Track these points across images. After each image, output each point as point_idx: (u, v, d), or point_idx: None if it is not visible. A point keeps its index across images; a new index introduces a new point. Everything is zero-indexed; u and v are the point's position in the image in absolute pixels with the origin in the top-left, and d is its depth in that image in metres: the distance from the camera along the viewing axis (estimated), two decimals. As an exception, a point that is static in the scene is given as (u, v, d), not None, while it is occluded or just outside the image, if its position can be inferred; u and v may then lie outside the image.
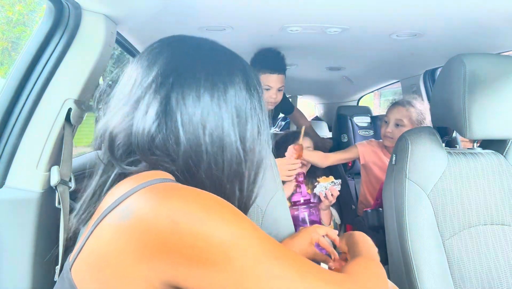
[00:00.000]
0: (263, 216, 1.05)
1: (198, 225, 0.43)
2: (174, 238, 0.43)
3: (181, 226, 0.43)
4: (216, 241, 0.43)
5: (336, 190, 1.51)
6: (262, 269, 0.43)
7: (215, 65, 0.58)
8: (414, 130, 1.23)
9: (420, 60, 1.89)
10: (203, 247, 0.43)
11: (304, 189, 1.50)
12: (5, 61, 1.78)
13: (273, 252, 0.45)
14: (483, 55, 1.13)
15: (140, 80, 0.56)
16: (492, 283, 1.09)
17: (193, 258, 0.43)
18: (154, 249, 0.43)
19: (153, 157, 0.53)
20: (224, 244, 0.43)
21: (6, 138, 0.95)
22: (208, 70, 0.56)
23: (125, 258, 0.44)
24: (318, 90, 3.48)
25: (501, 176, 1.18)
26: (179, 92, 0.54)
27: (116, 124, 0.55)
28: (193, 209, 0.44)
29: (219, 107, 0.55)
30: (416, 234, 1.11)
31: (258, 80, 0.63)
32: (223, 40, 0.67)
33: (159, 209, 0.44)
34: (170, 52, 0.59)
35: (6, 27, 1.71)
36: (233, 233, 0.44)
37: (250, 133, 0.58)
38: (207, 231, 0.43)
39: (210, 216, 0.44)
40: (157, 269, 0.44)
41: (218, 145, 0.54)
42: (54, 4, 0.95)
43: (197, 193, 0.48)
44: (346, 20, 1.27)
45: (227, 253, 0.43)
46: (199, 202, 0.46)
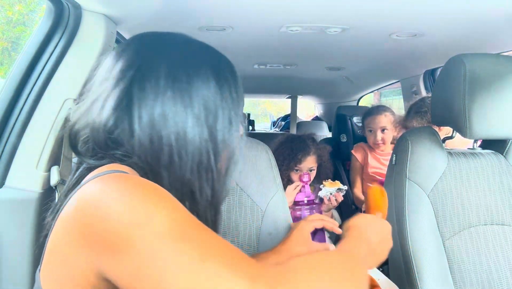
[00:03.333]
0: (263, 216, 1.05)
1: (108, 210, 0.42)
2: (96, 225, 0.42)
3: (98, 212, 0.43)
4: (123, 224, 0.41)
5: (341, 196, 1.52)
6: (162, 251, 0.40)
7: (179, 57, 0.57)
8: (414, 131, 1.23)
9: (420, 60, 1.89)
10: (113, 232, 0.41)
11: (308, 189, 1.50)
12: (5, 61, 1.78)
13: (182, 234, 0.42)
14: (483, 55, 1.13)
15: (104, 76, 0.56)
16: (492, 283, 1.09)
17: (106, 245, 0.42)
18: (85, 238, 0.43)
19: (110, 151, 0.53)
20: (129, 226, 0.41)
21: (6, 138, 0.95)
22: (170, 63, 0.55)
23: (68, 251, 0.45)
24: (318, 90, 3.48)
25: (501, 175, 1.18)
26: (138, 86, 0.53)
27: (78, 119, 0.56)
28: (110, 194, 0.44)
29: (182, 100, 0.54)
30: (416, 234, 1.11)
31: (232, 71, 0.61)
32: (223, 40, 0.67)
33: (90, 197, 0.45)
34: (135, 47, 0.58)
35: (6, 27, 1.71)
36: (141, 214, 0.42)
37: (220, 126, 0.56)
38: (115, 215, 0.42)
39: (122, 199, 0.43)
40: (88, 259, 0.43)
41: (182, 138, 0.53)
42: (54, 4, 0.95)
43: (127, 180, 0.46)
44: (346, 20, 1.27)
45: (131, 236, 0.41)
46: (119, 187, 0.45)
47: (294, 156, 1.55)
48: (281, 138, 1.67)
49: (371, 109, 2.11)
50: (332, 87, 3.04)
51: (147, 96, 0.53)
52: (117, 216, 0.42)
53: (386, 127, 2.03)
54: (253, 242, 1.04)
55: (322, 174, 1.66)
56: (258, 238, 1.04)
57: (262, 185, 1.07)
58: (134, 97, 0.53)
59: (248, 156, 1.09)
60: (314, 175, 1.63)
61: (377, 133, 2.03)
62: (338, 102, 3.40)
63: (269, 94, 4.43)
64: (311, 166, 1.60)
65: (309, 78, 2.73)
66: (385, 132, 2.04)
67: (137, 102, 0.53)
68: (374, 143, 2.07)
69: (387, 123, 2.02)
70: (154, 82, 0.53)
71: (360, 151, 2.17)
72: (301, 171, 1.58)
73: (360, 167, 2.16)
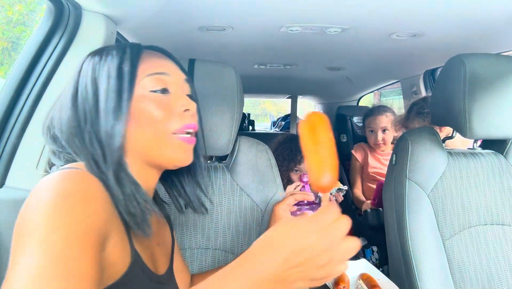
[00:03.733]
0: (263, 216, 1.05)
1: (24, 212, 0.50)
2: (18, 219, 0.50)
3: (21, 211, 0.51)
4: (27, 227, 0.48)
5: (341, 196, 1.52)
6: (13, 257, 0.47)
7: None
8: (414, 131, 1.23)
9: (420, 60, 1.89)
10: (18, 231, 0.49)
11: (308, 189, 1.50)
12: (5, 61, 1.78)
13: (36, 244, 0.46)
14: (483, 55, 1.13)
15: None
16: (492, 283, 1.09)
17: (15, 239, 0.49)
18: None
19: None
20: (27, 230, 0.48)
21: (6, 138, 0.95)
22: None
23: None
24: (318, 90, 3.48)
25: (501, 176, 1.18)
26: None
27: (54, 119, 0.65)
28: (34, 200, 0.50)
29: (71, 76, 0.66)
30: (416, 234, 1.11)
31: (121, 50, 0.65)
32: (223, 40, 0.68)
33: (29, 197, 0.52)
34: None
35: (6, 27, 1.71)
36: (40, 226, 0.47)
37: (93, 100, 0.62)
38: (26, 217, 0.49)
39: (38, 205, 0.49)
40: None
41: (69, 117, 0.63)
42: (54, 4, 0.95)
43: (57, 186, 0.51)
44: (346, 20, 1.27)
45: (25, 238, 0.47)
46: (44, 195, 0.50)
47: (294, 156, 1.55)
48: (281, 138, 1.67)
49: (372, 110, 2.11)
50: (332, 87, 3.04)
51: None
52: (27, 219, 0.48)
53: (387, 127, 2.03)
54: (253, 241, 1.04)
55: None
56: (258, 237, 1.04)
57: (262, 185, 1.07)
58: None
59: (248, 156, 1.09)
60: None
61: (378, 134, 2.03)
62: (338, 102, 3.40)
63: (269, 94, 4.43)
64: None
65: (309, 78, 2.73)
66: (386, 133, 2.04)
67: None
68: (375, 144, 2.07)
69: (388, 123, 2.03)
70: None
71: (360, 150, 2.17)
72: (300, 171, 1.58)
73: (360, 167, 2.16)
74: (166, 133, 0.63)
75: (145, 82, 0.63)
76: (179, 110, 0.65)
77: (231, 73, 1.02)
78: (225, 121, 1.00)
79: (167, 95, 0.65)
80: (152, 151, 0.64)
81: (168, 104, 0.64)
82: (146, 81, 0.63)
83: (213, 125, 0.99)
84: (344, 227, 0.47)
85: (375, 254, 1.70)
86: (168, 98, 0.65)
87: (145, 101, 0.63)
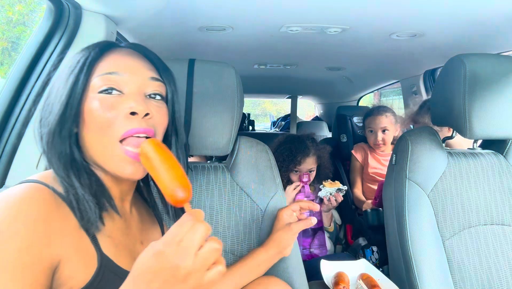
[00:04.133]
0: (263, 216, 1.05)
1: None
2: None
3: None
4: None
5: (340, 196, 1.52)
6: None
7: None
8: (414, 131, 1.23)
9: (420, 60, 1.89)
10: None
11: (308, 189, 1.50)
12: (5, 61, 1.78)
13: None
14: (483, 55, 1.13)
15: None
16: (492, 283, 1.09)
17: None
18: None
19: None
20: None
21: (6, 138, 0.95)
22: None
23: None
24: (318, 90, 3.48)
25: (501, 176, 1.18)
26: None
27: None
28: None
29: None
30: (416, 234, 1.11)
31: (91, 49, 0.64)
32: (223, 40, 0.68)
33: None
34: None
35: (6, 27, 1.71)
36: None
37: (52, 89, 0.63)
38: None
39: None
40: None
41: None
42: (54, 4, 0.95)
43: (10, 204, 0.51)
44: (346, 20, 1.27)
45: None
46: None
47: (294, 157, 1.55)
48: (280, 138, 1.66)
49: (372, 110, 2.11)
50: (332, 87, 3.04)
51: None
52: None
53: (387, 127, 2.03)
54: (253, 242, 1.04)
55: (321, 174, 1.65)
56: (258, 238, 1.04)
57: (262, 185, 1.07)
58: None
59: (248, 156, 1.09)
60: (314, 175, 1.63)
61: (378, 134, 2.03)
62: (338, 102, 3.40)
63: (269, 94, 4.43)
64: (311, 167, 1.60)
65: (309, 78, 2.73)
66: (385, 133, 2.04)
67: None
68: (375, 144, 2.07)
69: (387, 123, 2.03)
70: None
71: (360, 151, 2.17)
72: (300, 171, 1.57)
73: (360, 167, 2.16)
74: (111, 141, 0.60)
75: (95, 82, 0.61)
76: (125, 113, 0.60)
77: (231, 73, 1.02)
78: (225, 121, 1.00)
79: (116, 96, 0.61)
80: (99, 159, 0.62)
81: (115, 106, 0.60)
82: (96, 81, 0.61)
83: (213, 125, 0.99)
84: (198, 234, 0.48)
85: (375, 254, 1.70)
86: (116, 100, 0.61)
87: (92, 102, 0.60)
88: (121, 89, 0.62)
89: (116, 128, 0.60)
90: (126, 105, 0.60)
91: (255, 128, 4.50)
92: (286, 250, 0.92)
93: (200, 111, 0.98)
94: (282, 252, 0.92)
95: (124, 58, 0.65)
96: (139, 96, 0.62)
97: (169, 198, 0.54)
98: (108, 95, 0.61)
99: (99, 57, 0.63)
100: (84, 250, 0.57)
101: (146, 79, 0.65)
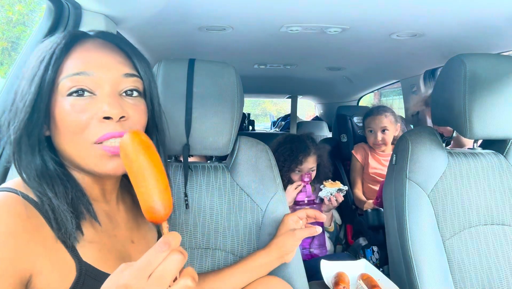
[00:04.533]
0: (263, 216, 1.05)
1: None
2: None
3: None
4: None
5: (341, 196, 1.52)
6: None
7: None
8: (414, 131, 1.23)
9: (420, 60, 1.89)
10: None
11: (309, 189, 1.50)
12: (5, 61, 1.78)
13: None
14: (483, 55, 1.13)
15: None
16: (492, 283, 1.09)
17: None
18: None
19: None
20: None
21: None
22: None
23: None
24: (318, 90, 3.48)
25: (501, 176, 1.18)
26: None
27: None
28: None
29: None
30: (416, 234, 1.11)
31: (58, 40, 0.59)
32: (223, 40, 0.67)
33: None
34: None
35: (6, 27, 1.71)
36: None
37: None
38: None
39: None
40: None
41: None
42: (54, 4, 0.95)
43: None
44: (346, 20, 1.27)
45: None
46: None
47: (295, 157, 1.55)
48: (280, 139, 1.66)
49: (372, 110, 2.11)
50: (332, 87, 3.04)
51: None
52: None
53: (387, 127, 2.03)
54: (253, 242, 1.04)
55: (321, 174, 1.66)
56: (258, 238, 1.04)
57: (262, 185, 1.07)
58: None
59: (248, 156, 1.09)
60: (314, 175, 1.63)
61: (378, 134, 2.03)
62: (338, 102, 3.40)
63: (269, 94, 4.43)
64: (312, 166, 1.60)
65: (309, 78, 2.73)
66: (385, 133, 2.04)
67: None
68: (374, 144, 2.08)
69: (387, 123, 2.03)
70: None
71: (361, 151, 2.17)
72: (302, 171, 1.57)
73: (360, 167, 2.16)
74: (86, 144, 0.57)
75: (64, 84, 0.56)
76: (98, 117, 0.56)
77: (231, 73, 1.02)
78: (225, 121, 1.00)
79: (87, 98, 0.57)
80: (76, 160, 0.58)
81: (88, 109, 0.56)
82: (65, 82, 0.56)
83: (213, 125, 0.99)
84: (173, 266, 0.43)
85: (375, 254, 1.70)
86: (88, 102, 0.57)
87: (62, 106, 0.56)
88: (93, 90, 0.58)
89: (91, 132, 0.56)
90: (99, 108, 0.56)
91: (255, 128, 4.50)
92: (287, 256, 0.91)
93: (200, 111, 0.98)
94: (283, 257, 0.91)
95: (94, 53, 0.60)
96: (113, 98, 0.58)
97: (145, 212, 0.49)
98: (79, 97, 0.57)
99: (66, 54, 0.58)
100: (60, 260, 0.54)
101: (119, 76, 0.60)
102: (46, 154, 0.58)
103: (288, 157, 1.55)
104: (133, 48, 0.65)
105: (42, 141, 0.58)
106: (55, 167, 0.58)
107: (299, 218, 0.94)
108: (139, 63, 0.64)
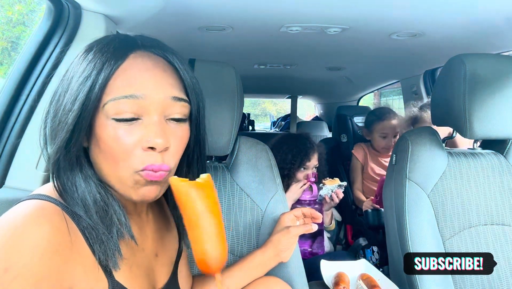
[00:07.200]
0: (262, 216, 1.05)
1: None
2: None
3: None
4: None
5: (341, 192, 1.52)
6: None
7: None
8: (414, 131, 1.23)
9: (420, 60, 1.89)
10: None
11: (315, 189, 1.50)
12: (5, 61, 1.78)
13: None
14: (483, 55, 1.13)
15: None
16: (492, 283, 1.08)
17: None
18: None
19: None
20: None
21: (6, 138, 0.94)
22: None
23: None
24: (318, 90, 3.48)
25: (501, 175, 1.18)
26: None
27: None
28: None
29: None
30: (416, 234, 1.11)
31: (106, 53, 0.57)
32: (223, 40, 0.67)
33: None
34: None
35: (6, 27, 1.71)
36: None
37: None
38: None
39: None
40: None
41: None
42: (54, 4, 0.95)
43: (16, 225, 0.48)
44: (346, 20, 1.27)
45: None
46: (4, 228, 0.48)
47: (306, 153, 1.55)
48: (279, 139, 1.66)
49: (382, 114, 2.05)
50: (332, 87, 3.04)
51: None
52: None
53: (398, 131, 2.00)
54: (253, 242, 1.04)
55: (319, 173, 1.66)
56: (258, 238, 1.04)
57: (262, 185, 1.07)
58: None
59: (248, 156, 1.09)
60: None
61: (390, 138, 2.01)
62: (338, 102, 3.40)
63: (269, 94, 4.44)
64: (316, 163, 1.61)
65: (309, 78, 2.73)
66: (396, 137, 2.02)
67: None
68: (385, 148, 2.05)
69: (399, 127, 2.00)
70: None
71: (360, 151, 2.17)
72: (307, 168, 1.57)
73: (360, 166, 2.16)
74: (128, 171, 0.55)
75: (111, 106, 0.54)
76: (142, 146, 0.54)
77: (231, 73, 1.02)
78: (225, 121, 1.00)
79: (133, 123, 0.55)
80: (111, 181, 0.57)
81: (133, 133, 0.54)
82: (112, 105, 0.54)
83: (213, 125, 0.99)
84: None
85: (375, 254, 1.70)
86: (133, 128, 0.54)
87: (106, 128, 0.54)
88: (140, 116, 0.55)
89: (134, 162, 0.54)
90: (145, 136, 0.54)
91: (255, 128, 4.50)
92: (284, 254, 0.90)
93: (200, 111, 0.98)
94: (279, 255, 0.90)
95: (143, 72, 0.56)
96: (160, 126, 0.55)
97: (200, 262, 0.48)
98: (126, 122, 0.54)
99: (114, 72, 0.55)
100: (94, 278, 0.53)
101: (168, 98, 0.57)
102: (86, 170, 0.57)
103: (298, 153, 1.55)
104: (183, 63, 0.62)
105: (81, 157, 0.56)
106: (96, 183, 0.57)
107: (296, 217, 0.94)
108: (189, 84, 0.61)
